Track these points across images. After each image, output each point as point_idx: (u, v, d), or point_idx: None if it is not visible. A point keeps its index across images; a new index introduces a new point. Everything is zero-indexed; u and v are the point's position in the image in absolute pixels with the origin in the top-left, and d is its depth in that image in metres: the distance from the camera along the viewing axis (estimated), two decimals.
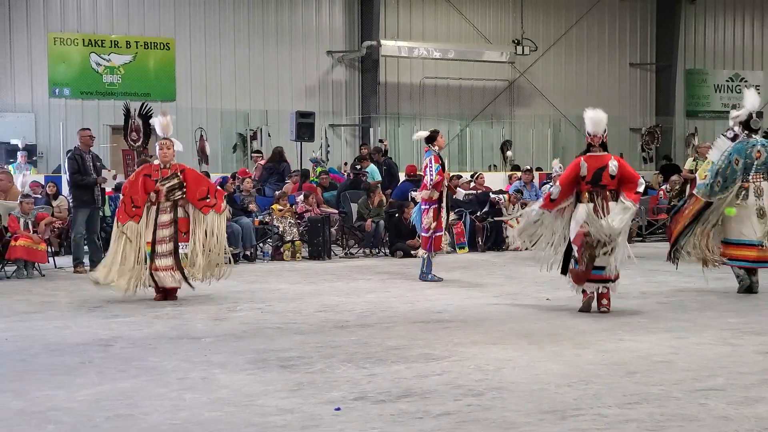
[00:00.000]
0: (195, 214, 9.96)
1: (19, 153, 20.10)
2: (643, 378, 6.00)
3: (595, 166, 8.90)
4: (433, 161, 11.40)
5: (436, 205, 11.50)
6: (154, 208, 9.87)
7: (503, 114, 27.58)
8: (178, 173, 10.04)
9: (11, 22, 22.20)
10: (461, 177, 18.32)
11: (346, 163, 22.99)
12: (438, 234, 11.51)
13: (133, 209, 9.85)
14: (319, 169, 19.52)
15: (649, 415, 5.06)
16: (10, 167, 18.96)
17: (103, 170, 14.36)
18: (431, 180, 11.33)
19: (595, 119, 9.06)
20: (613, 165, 8.90)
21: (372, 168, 18.89)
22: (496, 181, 18.98)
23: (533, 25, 27.91)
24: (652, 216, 18.51)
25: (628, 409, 5.21)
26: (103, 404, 5.35)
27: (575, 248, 8.81)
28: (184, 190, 9.96)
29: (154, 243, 9.79)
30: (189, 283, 9.88)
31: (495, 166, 25.69)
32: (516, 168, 22.46)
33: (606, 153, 9.02)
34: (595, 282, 8.88)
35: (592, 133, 9.01)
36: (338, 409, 5.20)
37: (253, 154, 21.46)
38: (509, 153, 25.59)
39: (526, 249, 10.16)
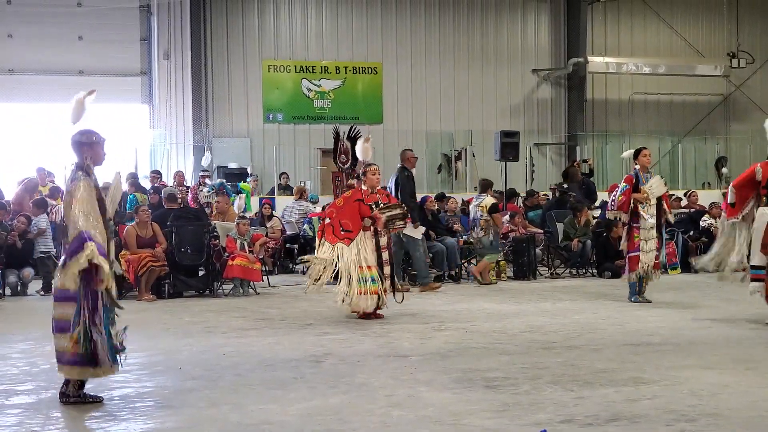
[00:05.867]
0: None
1: (249, 178, 21.07)
2: None
3: None
4: (623, 181, 11.15)
5: (631, 225, 11.10)
6: (369, 232, 9.87)
7: (718, 129, 26.54)
8: (402, 205, 10.19)
9: (228, 53, 23.40)
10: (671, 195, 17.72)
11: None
12: (633, 254, 11.06)
13: (342, 233, 9.81)
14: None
15: None
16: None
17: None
18: (613, 201, 11.06)
19: None
20: None
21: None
22: (710, 199, 18.19)
23: (750, 36, 26.75)
24: None
25: None
26: (314, 419, 5.48)
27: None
28: (407, 221, 10.01)
29: (380, 266, 9.78)
30: (380, 307, 9.90)
31: (708, 183, 24.68)
32: None
33: None
34: None
35: None
36: (545, 431, 5.12)
37: None
38: (724, 170, 24.56)
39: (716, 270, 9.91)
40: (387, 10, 24.46)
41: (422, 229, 13.35)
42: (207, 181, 19.29)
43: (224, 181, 18.76)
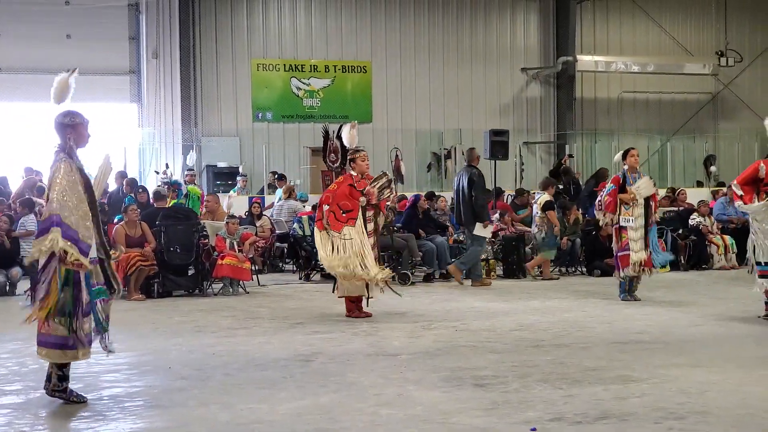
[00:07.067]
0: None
1: (239, 177, 21.03)
2: None
3: None
4: (609, 182, 11.26)
5: (617, 226, 11.16)
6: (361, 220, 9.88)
7: (706, 128, 26.63)
8: (385, 173, 10.27)
9: (217, 51, 23.36)
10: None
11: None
12: (622, 254, 11.08)
13: (343, 215, 9.80)
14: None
15: None
16: (232, 191, 19.87)
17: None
18: (599, 202, 11.17)
19: None
20: None
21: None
22: (700, 197, 18.24)
23: (738, 35, 26.86)
24: None
25: None
26: (304, 418, 5.48)
27: None
28: (393, 188, 10.09)
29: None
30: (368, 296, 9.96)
31: (701, 182, 24.75)
32: (721, 184, 21.57)
33: None
34: None
35: None
36: (534, 429, 5.13)
37: None
38: (713, 168, 24.64)
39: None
40: (376, 8, 24.46)
41: (491, 227, 13.93)
42: (168, 172, 19.33)
43: (179, 181, 18.68)
